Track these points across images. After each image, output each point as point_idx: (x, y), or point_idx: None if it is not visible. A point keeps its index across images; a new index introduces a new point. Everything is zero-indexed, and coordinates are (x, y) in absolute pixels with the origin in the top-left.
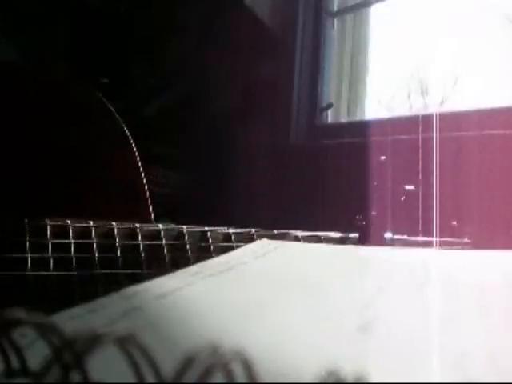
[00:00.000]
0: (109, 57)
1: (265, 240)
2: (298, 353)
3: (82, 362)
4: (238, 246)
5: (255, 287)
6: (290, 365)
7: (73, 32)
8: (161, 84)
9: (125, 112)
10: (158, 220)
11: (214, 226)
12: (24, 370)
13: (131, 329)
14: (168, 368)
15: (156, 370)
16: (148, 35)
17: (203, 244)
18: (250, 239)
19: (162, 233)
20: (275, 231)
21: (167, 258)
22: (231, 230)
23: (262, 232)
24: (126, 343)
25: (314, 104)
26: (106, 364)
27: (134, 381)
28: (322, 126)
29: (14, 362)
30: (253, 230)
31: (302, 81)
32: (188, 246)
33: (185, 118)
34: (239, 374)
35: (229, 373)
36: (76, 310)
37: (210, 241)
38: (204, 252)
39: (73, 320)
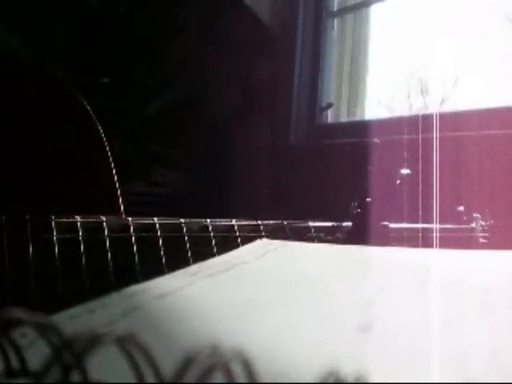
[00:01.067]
0: (109, 57)
1: (265, 240)
2: (298, 352)
3: (81, 361)
4: (215, 237)
5: (255, 287)
6: (290, 364)
7: (73, 32)
8: (161, 84)
9: (125, 112)
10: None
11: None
12: (24, 370)
13: (131, 329)
14: (168, 368)
15: (156, 370)
16: (148, 35)
17: (177, 235)
18: (229, 230)
19: (131, 225)
20: (259, 221)
21: (135, 250)
22: (209, 221)
23: (245, 222)
24: (126, 343)
25: (314, 104)
26: (106, 364)
27: (134, 381)
28: (322, 125)
29: (14, 362)
30: (234, 221)
31: (301, 81)
32: (161, 240)
33: (185, 118)
34: (239, 373)
35: (229, 373)
36: (76, 310)
37: (184, 230)
38: (179, 244)
39: (73, 320)
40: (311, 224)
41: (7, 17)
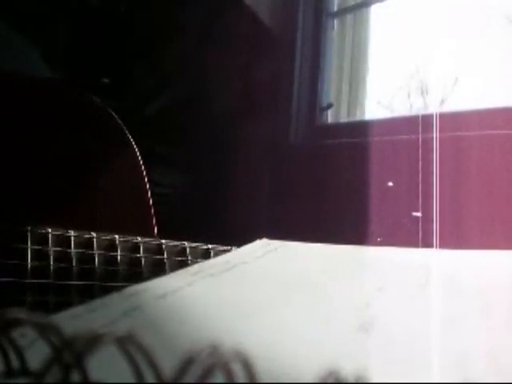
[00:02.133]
0: (109, 57)
1: (265, 240)
2: (298, 352)
3: (82, 361)
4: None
5: (255, 287)
6: (290, 364)
7: (73, 32)
8: (161, 84)
9: (125, 112)
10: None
11: (215, 225)
12: (24, 370)
13: (131, 329)
14: (168, 368)
15: (156, 370)
16: (148, 35)
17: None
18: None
19: (164, 247)
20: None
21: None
22: (232, 249)
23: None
24: (126, 343)
25: (314, 104)
26: (106, 364)
27: (134, 381)
28: (322, 125)
29: (14, 362)
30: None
31: (302, 81)
32: (190, 263)
33: (185, 117)
34: (239, 373)
35: (229, 372)
36: (76, 310)
37: (212, 255)
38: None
39: (73, 320)
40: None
41: (7, 17)
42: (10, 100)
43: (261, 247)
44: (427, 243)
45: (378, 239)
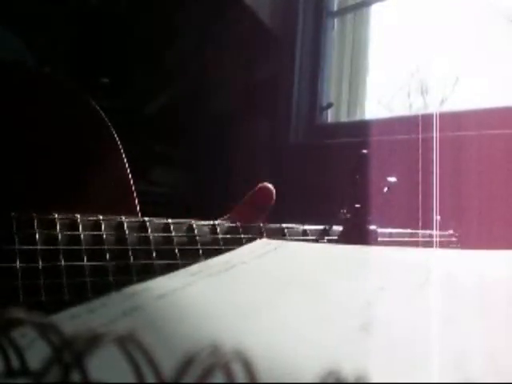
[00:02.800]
0: (109, 57)
1: (265, 240)
2: (299, 352)
3: (81, 361)
4: (222, 238)
5: (255, 287)
6: (290, 364)
7: (73, 32)
8: (161, 84)
9: (125, 112)
10: None
11: None
12: (24, 370)
13: (131, 328)
14: (168, 368)
15: (156, 370)
16: (148, 35)
17: (190, 235)
18: (234, 231)
19: (148, 224)
20: (261, 224)
21: (153, 251)
22: (216, 223)
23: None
24: (126, 343)
25: (314, 104)
26: (106, 364)
27: (134, 381)
28: (322, 125)
29: (14, 362)
30: (238, 223)
31: (302, 81)
32: (175, 239)
33: (185, 117)
34: (239, 373)
35: (229, 372)
36: (76, 310)
37: (196, 232)
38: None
39: (73, 320)
40: (307, 228)
41: (7, 18)
42: None
43: (261, 247)
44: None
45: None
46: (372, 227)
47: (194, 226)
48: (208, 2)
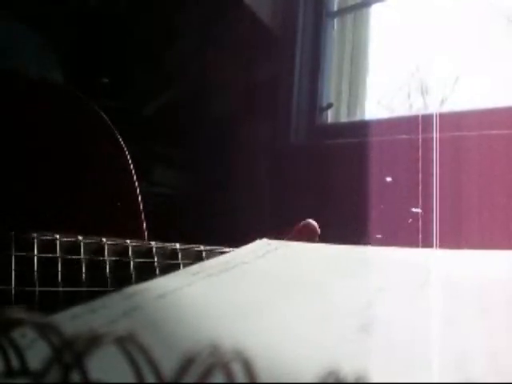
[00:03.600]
0: (109, 57)
1: (265, 240)
2: (298, 352)
3: (82, 361)
4: None
5: (255, 287)
6: (290, 364)
7: (73, 32)
8: (161, 84)
9: (125, 112)
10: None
11: (215, 225)
12: (24, 370)
13: (131, 329)
14: (168, 368)
15: (156, 370)
16: (148, 35)
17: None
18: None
19: (154, 250)
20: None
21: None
22: (227, 250)
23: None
24: (126, 343)
25: (314, 104)
26: (106, 364)
27: (134, 381)
28: (322, 125)
29: (14, 362)
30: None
31: (302, 81)
32: (182, 266)
33: (185, 118)
34: (239, 373)
35: (229, 372)
36: (76, 310)
37: (204, 257)
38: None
39: (73, 320)
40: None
41: (7, 18)
42: None
43: (261, 247)
44: (427, 243)
45: (378, 236)
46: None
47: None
48: (208, 2)
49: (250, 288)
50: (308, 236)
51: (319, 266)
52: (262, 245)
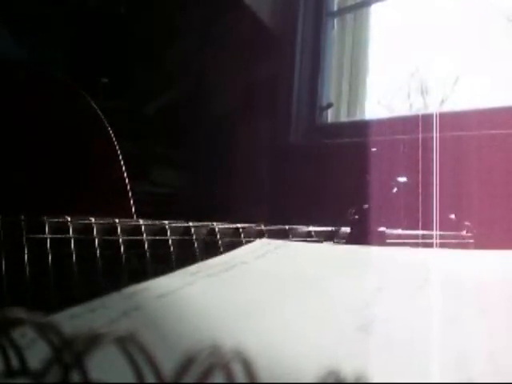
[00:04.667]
0: (109, 57)
1: (265, 240)
2: (298, 352)
3: (81, 361)
4: (222, 240)
5: (255, 287)
6: (289, 364)
7: (73, 32)
8: (161, 84)
9: (125, 112)
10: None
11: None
12: (24, 370)
13: (131, 328)
14: (168, 368)
15: (156, 370)
16: (148, 35)
17: (186, 238)
18: (237, 234)
19: (143, 228)
20: (263, 226)
21: (148, 254)
22: (215, 224)
23: (248, 225)
24: (126, 343)
25: (314, 104)
26: (106, 364)
27: (134, 381)
28: (322, 125)
29: (14, 362)
30: (239, 225)
31: (302, 81)
32: (170, 242)
33: (185, 117)
34: (239, 373)
35: (229, 372)
36: (76, 310)
37: (194, 236)
38: (187, 248)
39: (73, 320)
40: (312, 229)
41: (7, 18)
42: None
43: (261, 247)
44: (427, 243)
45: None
46: (381, 229)
47: (192, 228)
48: (208, 2)
49: (250, 288)
50: None
51: (319, 265)
52: (261, 244)
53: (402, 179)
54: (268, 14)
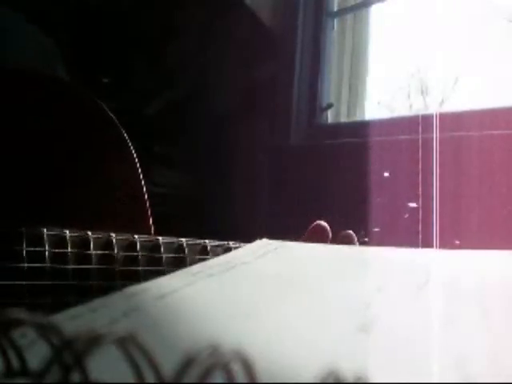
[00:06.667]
0: (109, 57)
1: (265, 240)
2: (298, 352)
3: (82, 362)
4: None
5: (255, 287)
6: (289, 364)
7: (73, 31)
8: (161, 84)
9: (125, 112)
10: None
11: (215, 225)
12: (24, 370)
13: (131, 329)
14: (168, 368)
15: (156, 370)
16: (148, 35)
17: (202, 257)
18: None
19: (162, 245)
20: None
21: (166, 271)
22: (231, 243)
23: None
24: (127, 343)
25: (314, 104)
26: (106, 364)
27: (134, 381)
28: (322, 125)
29: (14, 362)
30: (231, 243)
31: (302, 81)
32: (188, 260)
33: (185, 117)
34: (239, 373)
35: (229, 373)
36: (76, 310)
37: (210, 254)
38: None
39: (73, 320)
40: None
41: (8, 17)
42: (4, 96)
43: (261, 247)
44: (427, 243)
45: (375, 229)
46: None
47: (184, 244)
48: (208, 2)
49: (250, 288)
50: (320, 237)
51: (319, 266)
52: (261, 245)
53: (413, 204)
54: (268, 14)
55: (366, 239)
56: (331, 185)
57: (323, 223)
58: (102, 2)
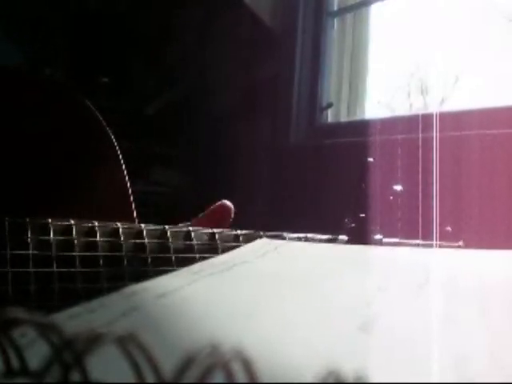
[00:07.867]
0: (109, 57)
1: (265, 239)
2: (298, 352)
3: (82, 361)
4: (221, 246)
5: (255, 287)
6: (290, 364)
7: (73, 32)
8: (161, 84)
9: (125, 112)
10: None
11: None
12: (24, 370)
13: (131, 328)
14: (168, 368)
15: (156, 370)
16: (148, 35)
17: (187, 243)
18: (233, 240)
19: (145, 232)
20: (261, 233)
21: (149, 258)
22: (215, 231)
23: (247, 232)
24: (126, 343)
25: (314, 104)
26: (106, 364)
27: (134, 381)
28: (322, 125)
29: (14, 362)
30: (238, 231)
31: (302, 81)
32: (172, 246)
33: (185, 117)
34: (239, 373)
35: (229, 372)
36: (76, 310)
37: (194, 241)
38: (188, 252)
39: (73, 319)
40: (310, 236)
41: (8, 17)
42: None
43: (261, 246)
44: (427, 242)
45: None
46: (377, 237)
47: (192, 233)
48: (208, 1)
49: (250, 287)
50: (221, 216)
51: (319, 265)
52: (262, 244)
53: (399, 187)
54: (268, 14)
55: (353, 225)
56: (331, 184)
57: (227, 203)
58: (101, 3)
